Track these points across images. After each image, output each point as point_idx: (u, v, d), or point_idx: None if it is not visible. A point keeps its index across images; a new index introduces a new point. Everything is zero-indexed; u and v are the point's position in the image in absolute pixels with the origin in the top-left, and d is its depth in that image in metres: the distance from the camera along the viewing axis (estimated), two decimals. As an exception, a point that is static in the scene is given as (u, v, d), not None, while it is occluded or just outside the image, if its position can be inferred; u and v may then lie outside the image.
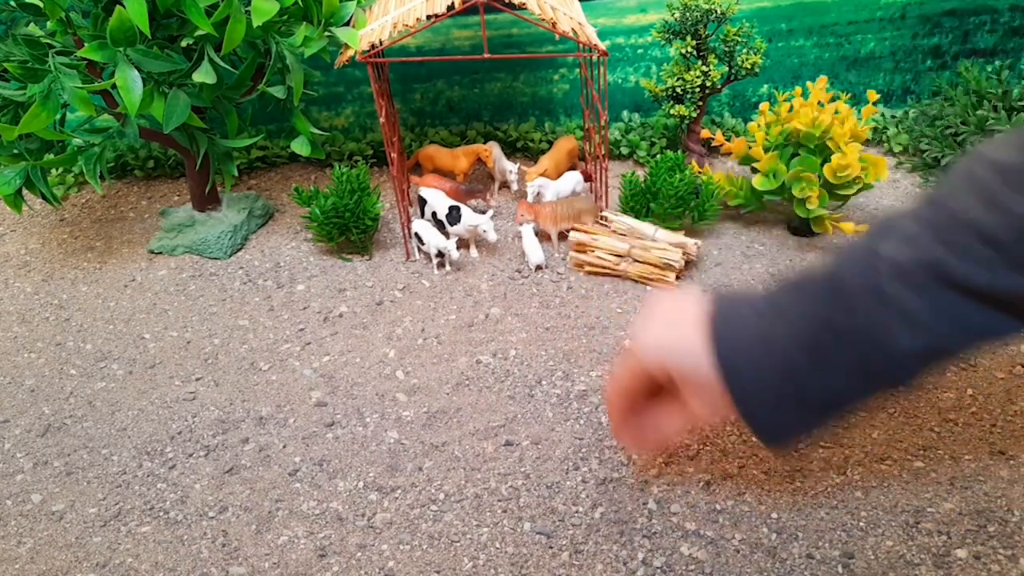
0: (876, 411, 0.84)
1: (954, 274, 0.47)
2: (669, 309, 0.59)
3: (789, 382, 0.53)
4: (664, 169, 1.14)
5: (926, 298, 0.48)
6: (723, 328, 0.55)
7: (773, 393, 0.53)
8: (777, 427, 0.56)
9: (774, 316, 0.53)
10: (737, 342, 0.54)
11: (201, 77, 0.97)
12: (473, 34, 1.37)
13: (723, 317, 0.56)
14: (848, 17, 1.40)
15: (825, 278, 0.52)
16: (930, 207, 0.49)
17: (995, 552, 0.68)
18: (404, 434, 0.84)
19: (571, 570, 0.69)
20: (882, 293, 0.49)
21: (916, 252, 0.48)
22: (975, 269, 0.46)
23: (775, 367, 0.53)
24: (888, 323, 0.49)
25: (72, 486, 0.81)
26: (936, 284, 0.47)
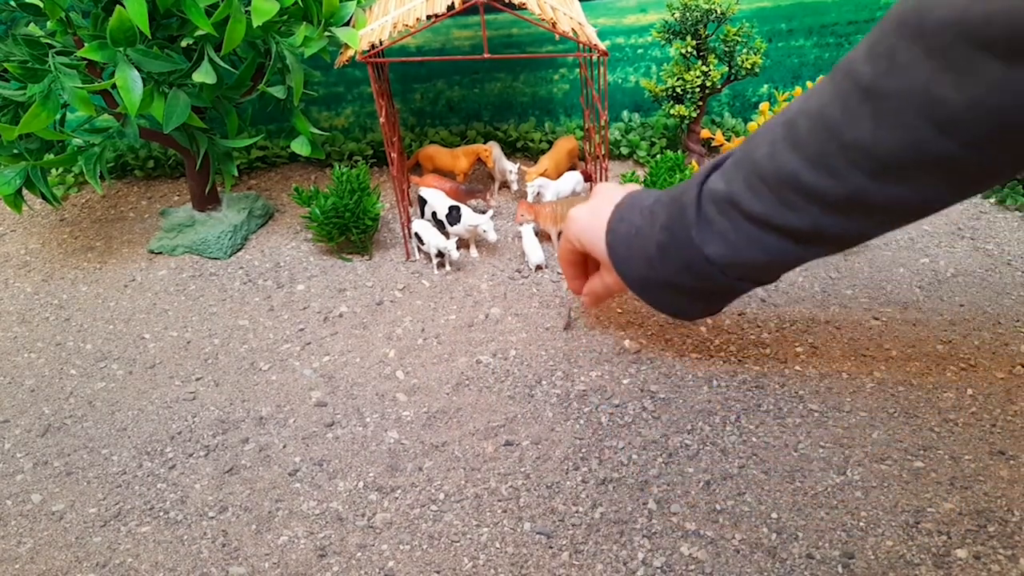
0: (876, 411, 0.84)
1: (744, 206, 0.61)
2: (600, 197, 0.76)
3: (651, 269, 0.69)
4: (664, 169, 1.14)
5: (731, 221, 0.62)
6: (615, 221, 0.72)
7: (642, 275, 0.71)
8: (657, 302, 0.73)
9: (645, 216, 0.70)
10: (619, 233, 0.71)
11: (201, 77, 0.97)
12: (473, 34, 1.37)
13: (619, 211, 0.72)
14: (848, 17, 1.40)
15: (676, 192, 0.68)
16: (743, 148, 0.63)
17: (995, 552, 0.68)
18: (404, 434, 0.84)
19: (571, 570, 0.69)
20: (703, 212, 0.64)
21: (727, 186, 0.62)
22: (757, 203, 0.60)
23: (641, 257, 0.70)
24: (703, 235, 0.64)
25: (72, 486, 0.81)
26: (734, 211, 0.62)
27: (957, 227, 1.17)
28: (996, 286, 1.03)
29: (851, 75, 0.55)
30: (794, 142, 0.57)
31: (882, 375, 0.89)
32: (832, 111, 0.56)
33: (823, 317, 0.99)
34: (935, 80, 0.50)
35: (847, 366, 0.90)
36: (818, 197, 0.57)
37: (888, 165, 0.55)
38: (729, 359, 0.92)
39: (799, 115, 0.58)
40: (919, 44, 0.50)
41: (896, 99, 0.52)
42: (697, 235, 0.64)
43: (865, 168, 0.55)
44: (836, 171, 0.56)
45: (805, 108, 0.58)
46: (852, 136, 0.55)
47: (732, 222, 0.62)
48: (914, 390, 0.87)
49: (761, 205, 0.60)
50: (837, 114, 0.55)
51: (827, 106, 0.56)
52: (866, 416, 0.83)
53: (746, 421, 0.83)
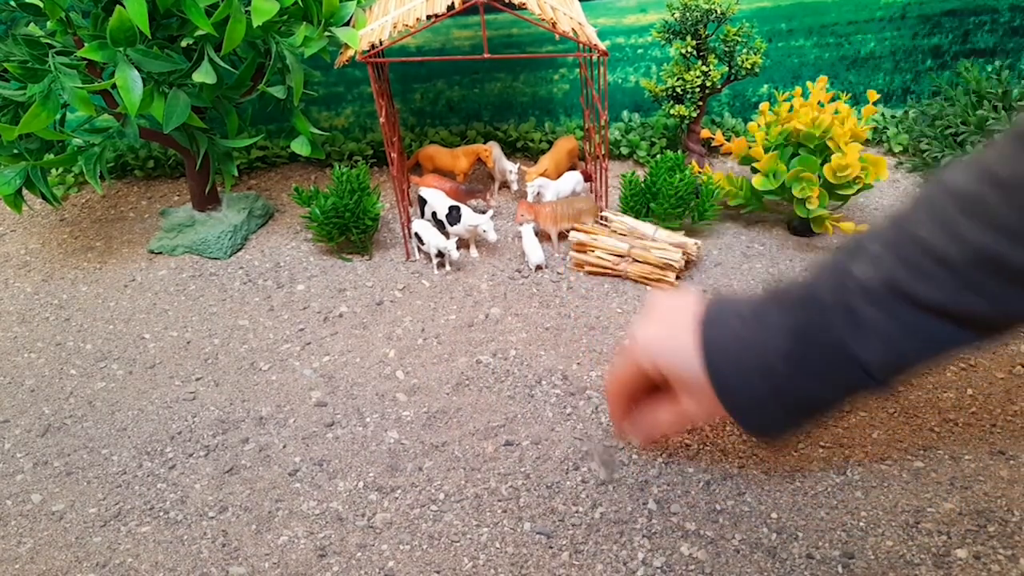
0: (876, 411, 0.84)
1: (914, 294, 0.51)
2: (666, 310, 0.63)
3: (768, 386, 0.57)
4: (664, 169, 1.14)
5: (891, 315, 0.53)
6: (711, 332, 0.59)
7: (755, 395, 0.58)
8: (762, 425, 0.61)
9: (756, 323, 0.58)
10: (723, 346, 0.59)
11: (201, 77, 0.97)
12: (473, 34, 1.37)
13: (712, 321, 0.60)
14: (848, 17, 1.40)
15: (802, 292, 0.57)
16: (895, 229, 0.54)
17: (995, 552, 0.68)
18: (404, 434, 0.84)
19: (571, 570, 0.69)
20: (852, 310, 0.53)
21: (881, 272, 0.53)
22: (933, 289, 0.51)
23: (756, 371, 0.57)
24: (857, 338, 0.54)
25: (72, 486, 0.81)
26: (899, 302, 0.52)
27: (957, 227, 1.16)
28: (996, 286, 1.03)
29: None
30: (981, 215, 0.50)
31: (882, 375, 0.89)
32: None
33: (823, 317, 0.98)
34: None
35: (847, 366, 0.90)
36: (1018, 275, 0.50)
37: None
38: (729, 359, 0.92)
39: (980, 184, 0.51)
40: None
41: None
42: (851, 338, 0.54)
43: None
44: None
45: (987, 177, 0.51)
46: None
47: (893, 314, 0.53)
48: (914, 390, 0.87)
49: (939, 292, 0.51)
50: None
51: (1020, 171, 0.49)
52: (866, 416, 0.83)
53: (746, 421, 0.83)
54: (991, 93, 1.27)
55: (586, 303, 1.04)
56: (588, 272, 1.10)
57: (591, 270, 1.10)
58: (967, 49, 1.43)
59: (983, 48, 1.43)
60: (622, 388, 0.68)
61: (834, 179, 1.08)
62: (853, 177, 1.08)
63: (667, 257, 1.04)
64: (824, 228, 1.12)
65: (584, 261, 1.09)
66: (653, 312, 0.65)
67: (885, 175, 1.10)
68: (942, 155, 1.28)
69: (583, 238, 1.09)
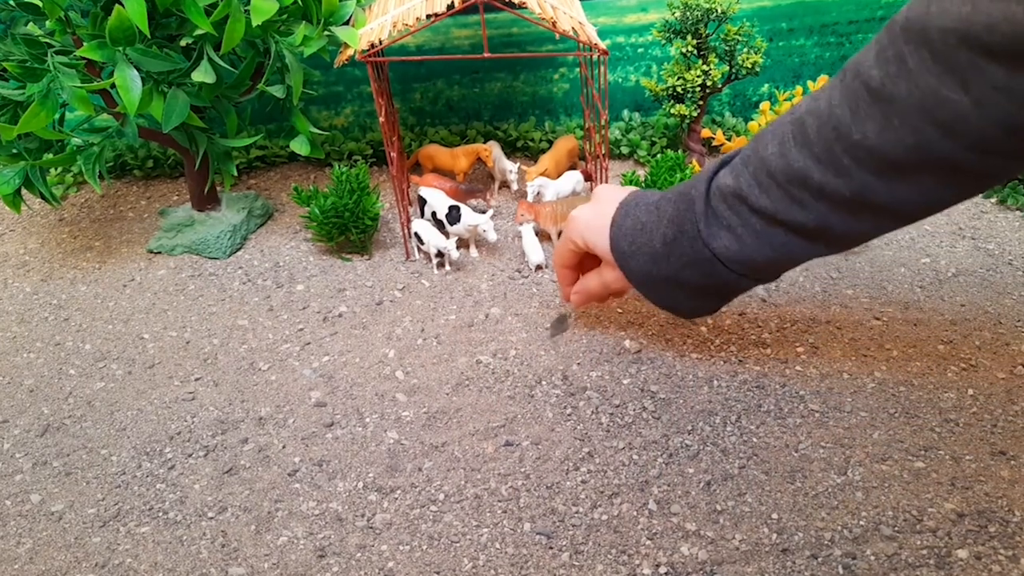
0: (876, 411, 0.84)
1: (753, 202, 0.62)
2: (602, 198, 0.77)
3: (653, 263, 0.70)
4: (665, 168, 1.14)
5: (738, 217, 0.64)
6: (620, 216, 0.73)
7: (644, 269, 0.71)
8: (657, 297, 0.74)
9: (654, 211, 0.71)
10: (625, 228, 0.72)
11: (200, 76, 0.96)
12: (473, 33, 1.37)
13: (624, 207, 0.73)
14: (849, 16, 1.40)
15: (684, 188, 0.69)
16: (752, 146, 0.64)
17: (996, 552, 0.68)
18: (404, 434, 0.84)
19: (571, 570, 0.69)
20: (712, 209, 0.65)
21: (734, 181, 0.64)
22: (766, 200, 0.61)
23: (644, 250, 0.70)
24: (711, 231, 0.65)
25: (71, 486, 0.80)
26: (744, 207, 0.63)
27: (958, 227, 1.16)
28: (997, 286, 1.03)
29: (860, 77, 0.56)
30: (803, 141, 0.59)
31: (883, 375, 0.89)
32: (841, 112, 0.57)
33: (824, 317, 0.98)
34: (941, 84, 0.52)
35: (848, 366, 0.90)
36: (826, 195, 0.59)
37: (894, 165, 0.56)
38: (730, 359, 0.92)
39: (808, 115, 0.59)
40: (925, 49, 0.52)
41: (903, 102, 0.54)
42: (705, 229, 0.65)
43: (871, 167, 0.57)
44: (843, 169, 0.58)
45: (814, 108, 0.59)
46: (860, 136, 0.56)
47: (740, 217, 0.64)
48: (915, 390, 0.86)
49: (769, 200, 0.61)
50: (846, 115, 0.57)
51: (836, 107, 0.58)
52: (867, 416, 0.83)
53: (747, 421, 0.83)
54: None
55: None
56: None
57: (591, 270, 1.10)
58: (968, 48, 1.43)
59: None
60: (563, 260, 0.83)
61: (835, 179, 1.07)
62: (854, 177, 1.07)
63: (667, 257, 1.04)
64: (824, 228, 1.11)
65: (584, 261, 1.09)
66: (595, 200, 0.78)
67: (886, 175, 1.10)
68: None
69: (583, 238, 1.09)
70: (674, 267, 0.69)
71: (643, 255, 0.71)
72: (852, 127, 0.57)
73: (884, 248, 1.12)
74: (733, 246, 0.65)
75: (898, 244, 1.13)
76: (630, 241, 0.71)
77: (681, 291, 0.72)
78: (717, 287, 0.70)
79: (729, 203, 0.64)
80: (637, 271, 0.73)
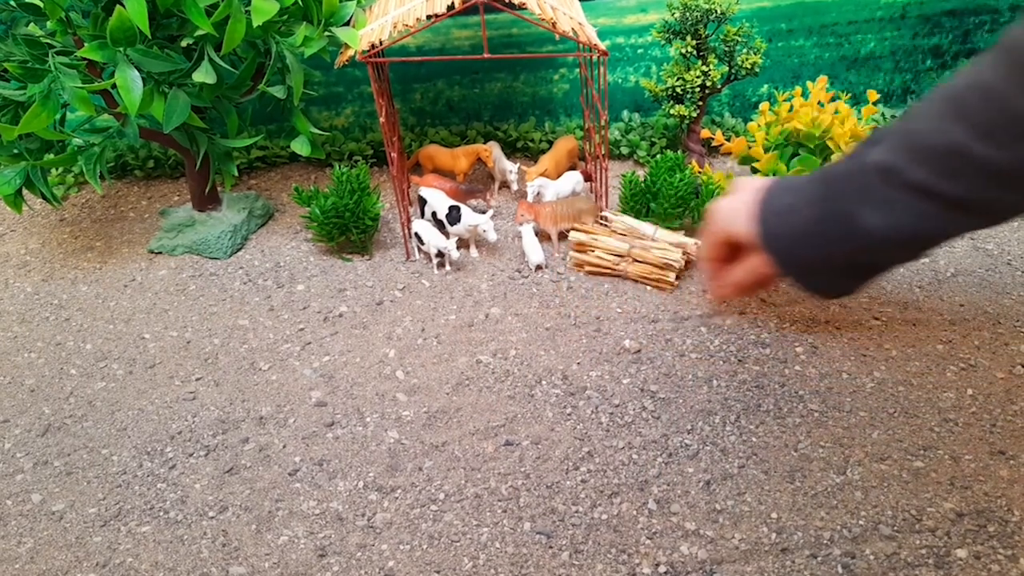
0: (876, 411, 0.84)
1: (907, 177, 0.62)
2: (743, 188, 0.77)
3: (803, 245, 0.70)
4: (664, 169, 1.14)
5: (890, 192, 0.64)
6: (767, 200, 0.73)
7: (798, 254, 0.71)
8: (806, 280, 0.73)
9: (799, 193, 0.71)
10: (773, 212, 0.72)
11: (201, 77, 0.97)
12: (473, 34, 1.37)
13: (770, 192, 0.73)
14: (848, 17, 1.40)
15: (833, 168, 0.69)
16: (903, 122, 0.65)
17: (995, 552, 0.68)
18: (404, 434, 0.84)
19: (571, 570, 0.69)
20: (863, 186, 0.65)
21: (886, 157, 0.64)
22: (921, 174, 0.62)
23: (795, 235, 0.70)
24: (863, 208, 0.65)
25: (72, 486, 0.81)
26: (896, 183, 0.63)
27: (957, 227, 1.16)
28: (996, 286, 1.03)
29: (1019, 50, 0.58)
30: (962, 114, 0.60)
31: (882, 375, 0.89)
32: (1003, 85, 0.59)
33: (823, 317, 0.98)
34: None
35: (847, 366, 0.90)
36: (984, 167, 0.60)
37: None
38: (729, 359, 0.92)
39: (966, 89, 0.61)
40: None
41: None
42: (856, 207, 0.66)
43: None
44: (1004, 142, 0.59)
45: (973, 83, 0.61)
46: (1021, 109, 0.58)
47: (893, 193, 0.64)
48: (914, 390, 0.87)
49: (924, 174, 0.62)
50: (1009, 88, 0.58)
51: (998, 80, 0.59)
52: (866, 416, 0.83)
53: (746, 421, 0.83)
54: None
55: (586, 303, 1.04)
56: (588, 272, 1.10)
57: (591, 270, 1.10)
58: (967, 49, 1.43)
59: (983, 48, 1.43)
60: (710, 253, 0.82)
61: (834, 179, 1.08)
62: (853, 177, 1.08)
63: (667, 257, 1.04)
64: (824, 228, 1.12)
65: (584, 261, 1.09)
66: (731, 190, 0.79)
67: (885, 175, 1.10)
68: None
69: (583, 238, 1.09)
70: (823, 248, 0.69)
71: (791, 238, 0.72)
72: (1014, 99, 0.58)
73: (883, 248, 1.12)
74: (886, 223, 0.65)
75: (897, 244, 1.13)
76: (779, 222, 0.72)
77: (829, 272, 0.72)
78: (866, 266, 0.71)
79: (882, 180, 0.64)
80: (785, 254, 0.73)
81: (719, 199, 0.80)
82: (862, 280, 0.75)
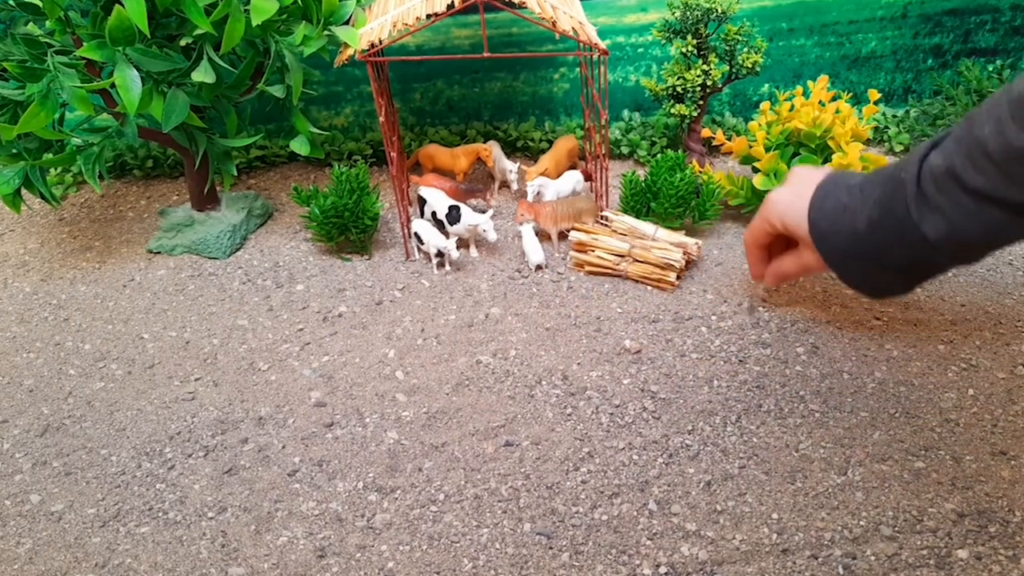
0: (876, 411, 0.84)
1: (967, 181, 0.62)
2: (797, 179, 0.77)
3: (856, 244, 0.69)
4: (665, 168, 1.14)
5: (950, 197, 0.63)
6: (820, 197, 0.72)
7: (844, 250, 0.71)
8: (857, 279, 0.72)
9: (857, 193, 0.70)
10: (825, 209, 0.72)
11: (200, 76, 0.96)
12: (473, 33, 1.37)
13: (823, 188, 0.73)
14: (849, 16, 1.39)
15: (892, 170, 0.68)
16: (964, 125, 0.64)
17: (996, 552, 0.68)
18: (404, 434, 0.84)
19: (571, 571, 0.69)
20: (922, 190, 0.65)
21: (946, 161, 0.63)
22: (982, 179, 0.61)
23: (847, 232, 0.70)
24: (922, 212, 0.64)
25: (71, 486, 0.80)
26: (957, 187, 0.62)
27: (958, 227, 1.16)
28: (997, 286, 1.03)
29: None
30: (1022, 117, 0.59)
31: (883, 375, 0.89)
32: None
33: (824, 317, 0.98)
34: None
35: (848, 366, 0.90)
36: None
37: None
38: (730, 359, 0.92)
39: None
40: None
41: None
42: (915, 210, 0.65)
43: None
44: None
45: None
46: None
47: (952, 197, 0.63)
48: (915, 390, 0.86)
49: (985, 179, 0.61)
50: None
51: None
52: (867, 416, 0.83)
53: (747, 421, 0.83)
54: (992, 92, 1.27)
55: (586, 303, 1.04)
56: (588, 272, 1.10)
57: (591, 270, 1.09)
58: (968, 48, 1.43)
59: (984, 47, 1.43)
60: (755, 240, 0.81)
61: (835, 178, 1.07)
62: (854, 176, 1.07)
63: (668, 257, 1.04)
64: (825, 228, 1.11)
65: (584, 261, 1.09)
66: (789, 180, 0.78)
67: (886, 174, 1.10)
68: (943, 154, 1.28)
69: (583, 238, 1.09)
70: (877, 248, 0.69)
71: (843, 236, 0.71)
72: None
73: (884, 248, 1.12)
74: (944, 227, 0.64)
75: (898, 244, 1.13)
76: (831, 222, 0.72)
77: (880, 272, 0.71)
78: (920, 268, 0.70)
79: (941, 184, 0.64)
80: (836, 251, 0.72)
81: (776, 188, 0.78)
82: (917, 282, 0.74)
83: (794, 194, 0.76)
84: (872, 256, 0.70)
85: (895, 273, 0.71)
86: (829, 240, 0.72)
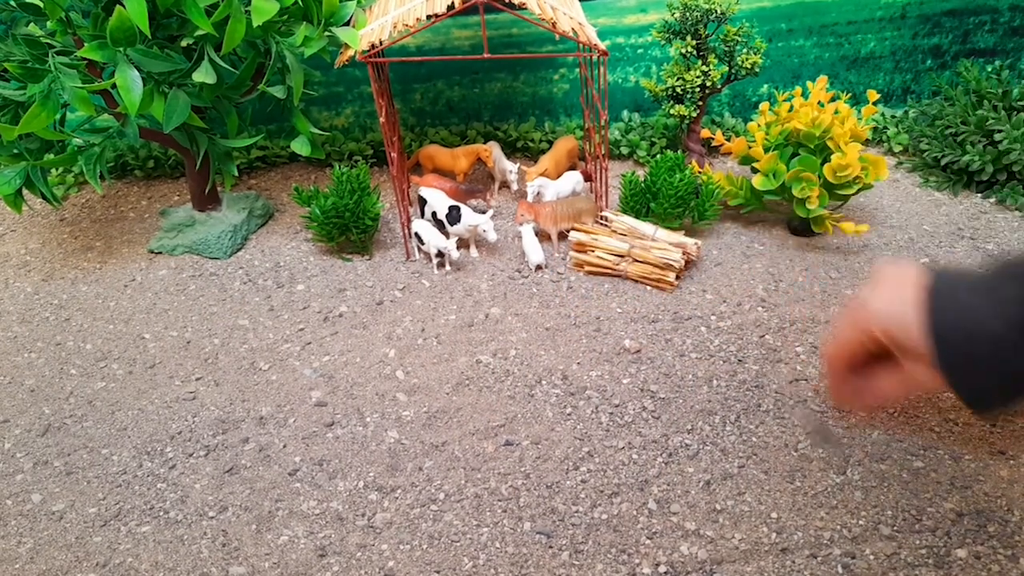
0: (876, 411, 0.84)
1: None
2: (893, 280, 0.64)
3: (995, 356, 0.58)
4: (664, 169, 1.14)
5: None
6: (938, 302, 0.60)
7: (979, 365, 0.59)
8: (982, 396, 0.60)
9: (986, 295, 0.59)
10: (949, 316, 0.60)
11: (201, 77, 0.97)
12: (473, 34, 1.37)
13: (939, 292, 0.61)
14: (848, 17, 1.40)
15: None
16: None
17: (995, 552, 0.68)
18: (404, 434, 0.84)
19: (571, 570, 0.69)
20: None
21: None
22: None
23: (983, 341, 0.58)
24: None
25: (72, 486, 0.81)
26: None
27: (957, 227, 1.17)
28: (996, 286, 1.03)
29: None
30: None
31: (882, 375, 0.89)
32: None
33: (823, 317, 0.98)
34: None
35: (847, 366, 0.90)
36: None
37: None
38: (729, 359, 0.92)
39: None
40: None
41: None
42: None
43: None
44: None
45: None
46: None
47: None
48: (914, 390, 0.86)
49: None
50: None
51: None
52: (866, 415, 0.83)
53: (746, 421, 0.83)
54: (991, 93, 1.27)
55: (586, 303, 1.04)
56: (588, 272, 1.10)
57: (591, 270, 1.10)
58: (967, 49, 1.43)
59: (983, 48, 1.43)
60: (845, 353, 0.67)
61: (834, 179, 1.08)
62: (853, 177, 1.08)
63: (667, 257, 1.04)
64: (824, 228, 1.12)
65: (584, 261, 1.09)
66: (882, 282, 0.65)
67: (885, 175, 1.10)
68: (942, 155, 1.28)
69: (583, 238, 1.09)
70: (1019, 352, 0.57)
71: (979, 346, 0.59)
72: None
73: (883, 248, 1.13)
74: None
75: (897, 244, 1.13)
76: (957, 332, 0.60)
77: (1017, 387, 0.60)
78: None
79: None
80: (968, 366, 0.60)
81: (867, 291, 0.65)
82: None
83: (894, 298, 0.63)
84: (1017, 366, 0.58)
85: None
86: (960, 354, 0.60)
